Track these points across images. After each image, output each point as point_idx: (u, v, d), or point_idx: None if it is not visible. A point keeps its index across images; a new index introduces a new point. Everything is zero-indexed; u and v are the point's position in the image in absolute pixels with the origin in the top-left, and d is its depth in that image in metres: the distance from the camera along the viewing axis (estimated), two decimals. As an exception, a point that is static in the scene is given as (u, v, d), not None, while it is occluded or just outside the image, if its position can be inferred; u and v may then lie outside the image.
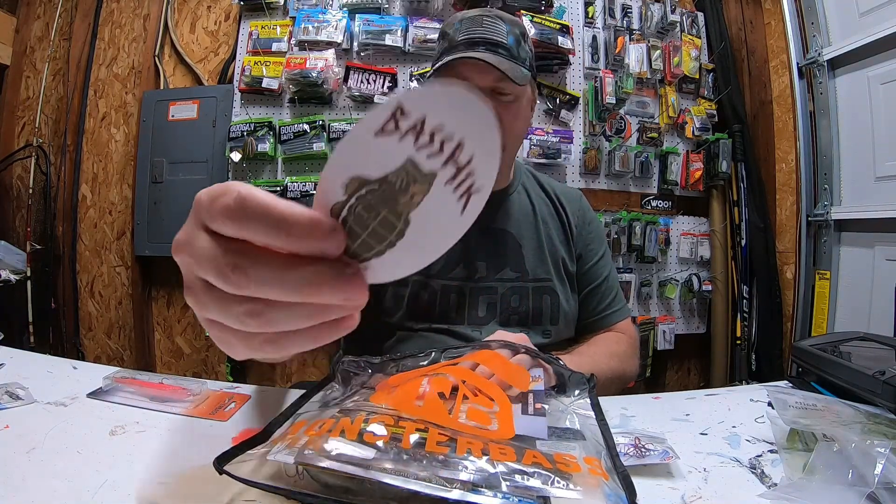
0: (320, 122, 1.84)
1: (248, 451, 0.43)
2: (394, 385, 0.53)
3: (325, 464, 0.38)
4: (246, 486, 0.42)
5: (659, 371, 2.14)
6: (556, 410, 0.54)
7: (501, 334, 0.66)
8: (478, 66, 0.76)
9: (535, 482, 0.37)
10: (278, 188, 1.84)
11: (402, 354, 0.63)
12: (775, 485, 0.46)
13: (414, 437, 0.42)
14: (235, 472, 0.40)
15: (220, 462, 0.41)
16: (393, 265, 0.27)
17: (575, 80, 1.99)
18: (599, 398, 0.57)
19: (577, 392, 0.58)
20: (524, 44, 0.82)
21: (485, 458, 0.40)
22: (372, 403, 0.49)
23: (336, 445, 0.40)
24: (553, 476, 0.38)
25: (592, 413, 0.54)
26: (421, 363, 0.61)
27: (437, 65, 0.79)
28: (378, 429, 0.43)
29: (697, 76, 2.08)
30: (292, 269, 0.24)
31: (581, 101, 1.98)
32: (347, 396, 0.54)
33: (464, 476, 0.38)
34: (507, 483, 0.37)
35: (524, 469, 0.39)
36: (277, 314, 0.25)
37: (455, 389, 0.52)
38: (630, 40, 2.02)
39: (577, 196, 1.01)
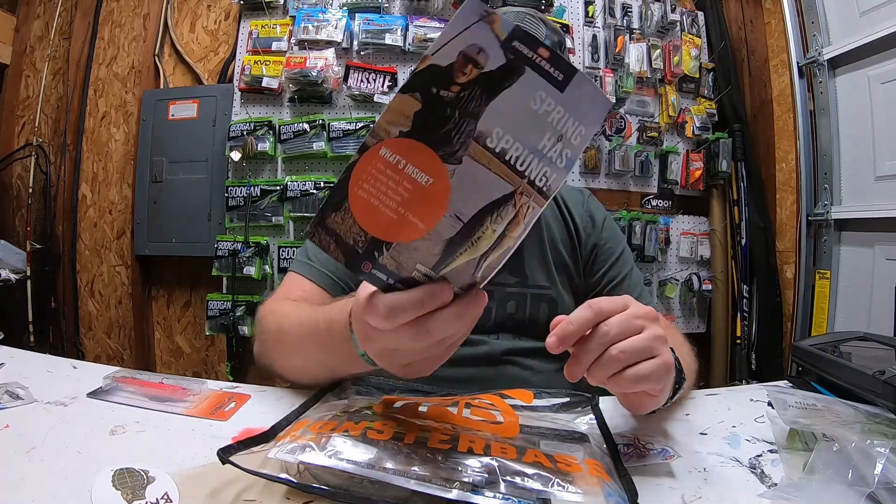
0: (320, 122, 1.84)
1: (252, 448, 0.44)
2: (395, 402, 0.53)
3: (326, 463, 0.39)
4: (246, 486, 0.42)
5: (659, 370, 2.14)
6: (559, 419, 0.54)
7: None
8: None
9: (535, 483, 0.37)
10: (278, 187, 1.84)
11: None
12: (775, 485, 0.46)
13: (416, 436, 0.42)
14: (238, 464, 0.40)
15: (225, 453, 0.41)
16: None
17: (575, 80, 1.99)
18: (606, 398, 0.58)
19: (579, 409, 0.58)
20: (562, 54, 0.82)
21: (486, 456, 0.40)
22: (376, 411, 0.50)
23: (338, 444, 0.40)
24: (554, 477, 0.38)
25: (595, 421, 0.54)
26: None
27: None
28: (381, 428, 0.43)
29: (697, 75, 2.08)
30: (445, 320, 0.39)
31: (581, 100, 1.97)
32: (354, 402, 0.54)
33: (464, 476, 0.38)
34: (507, 484, 0.37)
35: (524, 469, 0.39)
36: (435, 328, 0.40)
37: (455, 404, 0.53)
38: (630, 39, 2.02)
39: (581, 199, 0.96)
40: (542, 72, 0.34)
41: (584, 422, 0.54)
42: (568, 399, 0.60)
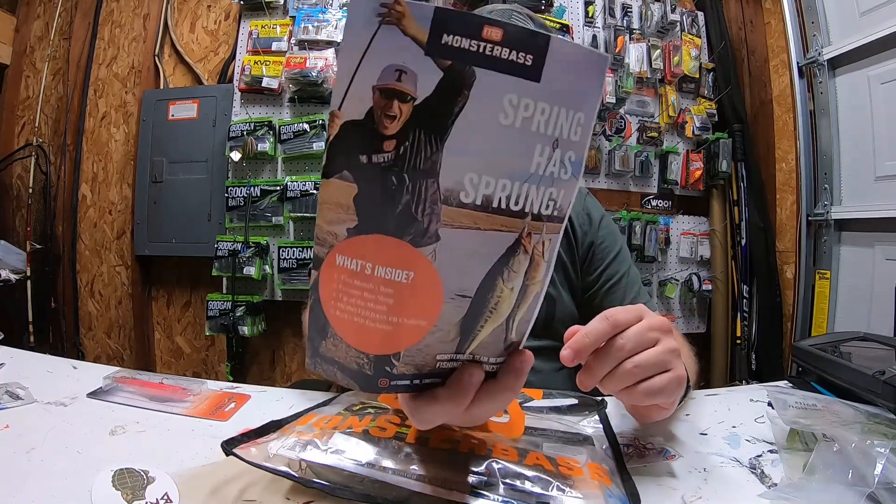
0: (320, 122, 1.84)
1: (256, 440, 0.43)
2: None
3: (327, 461, 0.39)
4: (246, 485, 0.42)
5: (659, 370, 2.14)
6: (565, 420, 0.54)
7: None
8: None
9: (535, 487, 0.37)
10: (278, 187, 1.84)
11: None
12: (775, 485, 0.46)
13: (418, 435, 0.42)
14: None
15: (229, 445, 0.41)
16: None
17: (575, 80, 1.99)
18: (608, 396, 0.57)
19: (587, 412, 0.58)
20: (522, 22, 0.80)
21: (487, 458, 0.40)
22: (381, 403, 0.50)
23: (340, 441, 0.40)
24: (554, 480, 0.38)
25: (601, 425, 0.54)
26: None
27: None
28: (384, 425, 0.43)
29: (697, 75, 2.08)
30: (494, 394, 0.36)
31: (581, 100, 1.97)
32: (360, 397, 0.55)
33: (464, 478, 0.38)
34: (507, 487, 0.37)
35: (525, 472, 0.39)
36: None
37: None
38: (630, 40, 2.02)
39: (578, 197, 0.93)
40: (501, 65, 0.24)
41: (589, 424, 0.54)
42: (576, 401, 0.59)
